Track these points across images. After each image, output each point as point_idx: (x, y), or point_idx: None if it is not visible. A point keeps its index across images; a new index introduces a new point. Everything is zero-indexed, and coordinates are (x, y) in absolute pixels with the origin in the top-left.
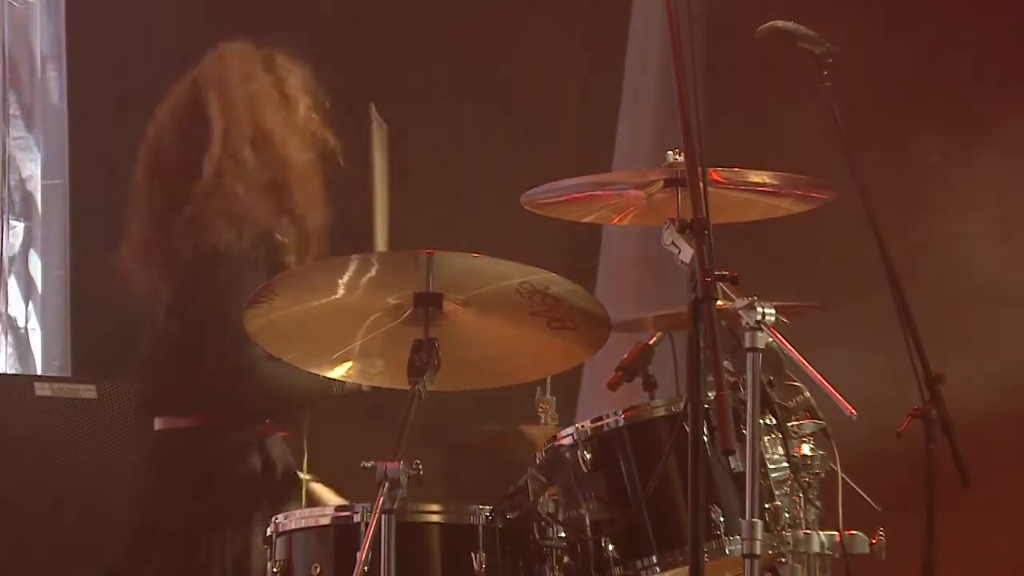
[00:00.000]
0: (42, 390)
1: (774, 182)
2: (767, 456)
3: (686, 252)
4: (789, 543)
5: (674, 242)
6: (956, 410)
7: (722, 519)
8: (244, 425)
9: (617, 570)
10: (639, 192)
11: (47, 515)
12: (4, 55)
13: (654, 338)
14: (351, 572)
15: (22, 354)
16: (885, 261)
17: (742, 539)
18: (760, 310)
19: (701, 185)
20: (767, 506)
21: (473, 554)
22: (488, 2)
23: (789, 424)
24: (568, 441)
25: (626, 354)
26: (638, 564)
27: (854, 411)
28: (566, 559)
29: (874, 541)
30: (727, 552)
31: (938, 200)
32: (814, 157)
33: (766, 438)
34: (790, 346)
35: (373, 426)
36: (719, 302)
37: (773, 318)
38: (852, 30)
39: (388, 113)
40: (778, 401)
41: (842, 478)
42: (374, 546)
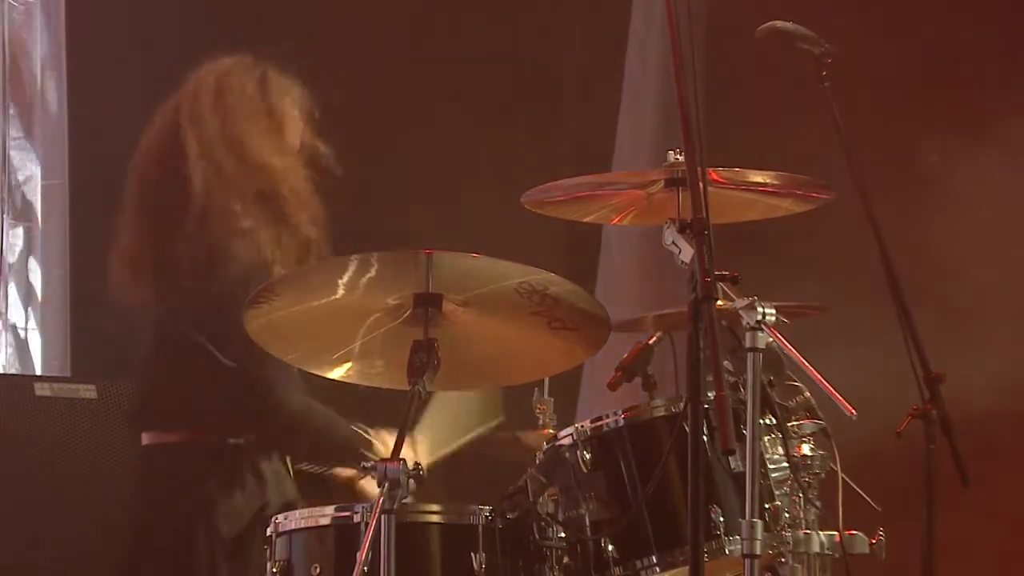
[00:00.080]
0: (42, 390)
1: (774, 182)
2: (767, 456)
3: (686, 252)
4: (789, 543)
5: (674, 242)
6: (956, 410)
7: (722, 519)
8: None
9: (617, 570)
10: (639, 192)
11: (47, 515)
12: (4, 55)
13: (654, 338)
14: (351, 572)
15: (22, 354)
16: (885, 261)
17: (742, 539)
18: (760, 310)
19: (701, 185)
20: (767, 506)
21: (473, 554)
22: (488, 2)
23: (789, 424)
24: (568, 441)
25: (626, 354)
26: (638, 564)
27: (854, 411)
28: (566, 559)
29: (874, 541)
30: (727, 552)
31: (938, 200)
32: (814, 157)
33: (766, 438)
34: (790, 346)
35: None
36: (719, 302)
37: (773, 318)
38: (852, 30)
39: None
40: (778, 401)
41: (842, 478)
42: (374, 546)
